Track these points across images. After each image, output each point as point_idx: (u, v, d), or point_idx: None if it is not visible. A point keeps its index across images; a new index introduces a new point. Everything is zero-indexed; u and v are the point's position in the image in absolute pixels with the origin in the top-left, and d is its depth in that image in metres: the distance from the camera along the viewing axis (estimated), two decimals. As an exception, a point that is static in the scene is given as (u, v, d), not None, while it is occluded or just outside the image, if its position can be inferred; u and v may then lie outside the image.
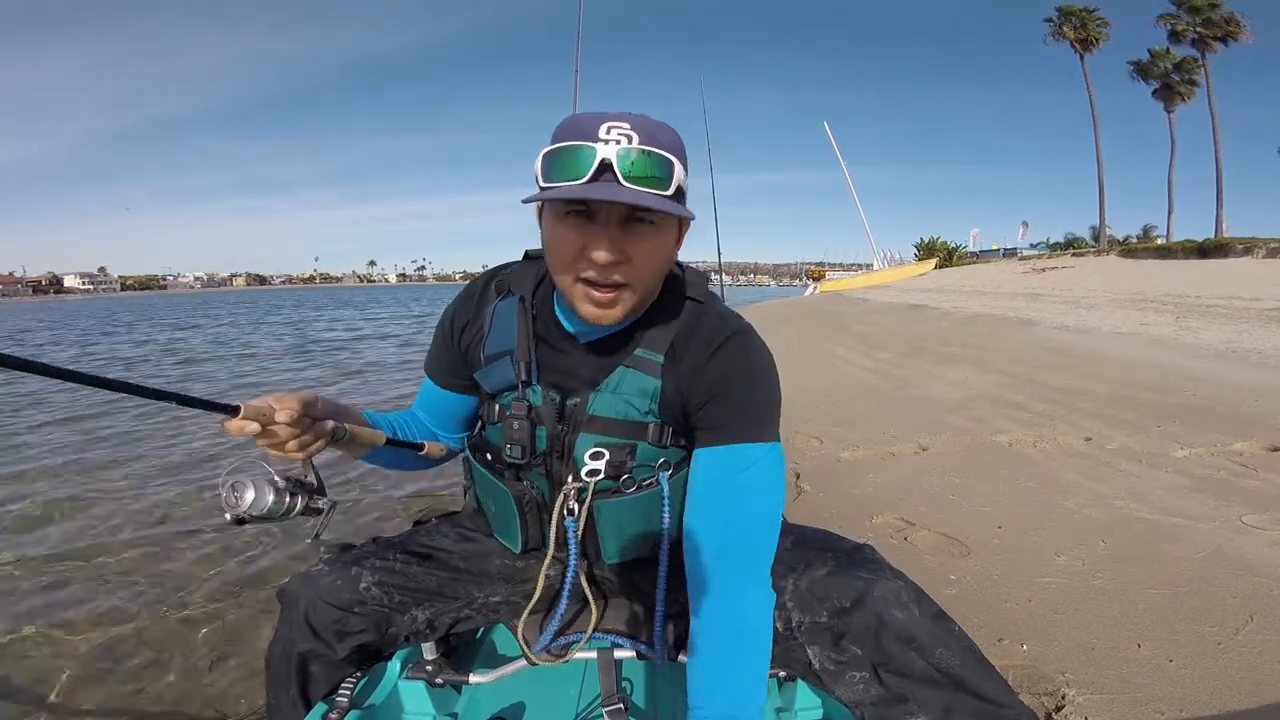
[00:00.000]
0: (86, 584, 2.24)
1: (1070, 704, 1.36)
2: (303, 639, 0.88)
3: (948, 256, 34.52)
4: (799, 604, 0.81)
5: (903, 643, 0.76)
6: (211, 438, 4.22)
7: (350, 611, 0.88)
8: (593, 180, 0.67)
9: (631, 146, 0.67)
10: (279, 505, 0.76)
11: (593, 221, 0.71)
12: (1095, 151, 33.06)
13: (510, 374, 0.86)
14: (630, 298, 0.76)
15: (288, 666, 0.89)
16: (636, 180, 0.67)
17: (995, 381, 4.92)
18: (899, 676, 0.76)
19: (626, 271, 0.73)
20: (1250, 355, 5.36)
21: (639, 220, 0.72)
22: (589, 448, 0.83)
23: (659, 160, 0.68)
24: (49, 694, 1.67)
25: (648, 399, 0.82)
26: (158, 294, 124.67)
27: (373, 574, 0.90)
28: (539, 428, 0.84)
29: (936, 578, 1.92)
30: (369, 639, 0.91)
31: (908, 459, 3.15)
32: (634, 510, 0.87)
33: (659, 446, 0.84)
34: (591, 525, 0.89)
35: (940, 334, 8.47)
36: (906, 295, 17.03)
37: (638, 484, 0.86)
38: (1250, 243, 17.45)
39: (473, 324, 0.92)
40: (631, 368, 0.82)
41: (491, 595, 0.96)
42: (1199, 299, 10.23)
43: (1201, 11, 28.16)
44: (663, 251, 0.77)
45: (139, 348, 12.37)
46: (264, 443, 0.72)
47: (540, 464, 0.87)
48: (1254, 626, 1.59)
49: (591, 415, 0.83)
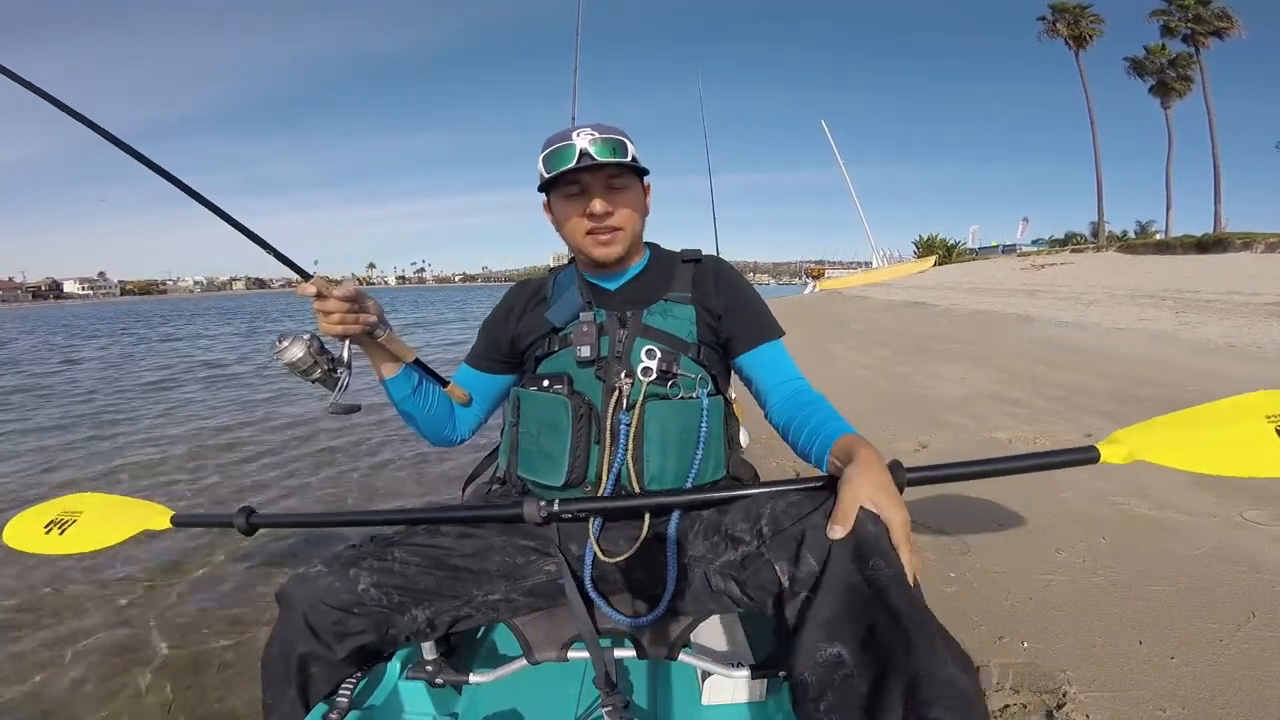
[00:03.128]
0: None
1: (1071, 701, 1.35)
2: (302, 640, 0.89)
3: (947, 254, 34.50)
4: (772, 522, 0.84)
5: (846, 551, 0.74)
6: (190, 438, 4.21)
7: (349, 613, 0.89)
8: (579, 163, 0.99)
9: (597, 136, 1.01)
10: (304, 361, 0.96)
11: (585, 192, 1.04)
12: (1093, 148, 33.12)
13: (578, 301, 1.10)
14: (624, 237, 1.07)
15: (286, 667, 0.89)
16: (606, 157, 1.00)
17: (994, 378, 4.92)
18: (832, 595, 0.73)
19: (617, 218, 1.05)
20: (1250, 350, 5.36)
21: (614, 187, 1.04)
22: (644, 347, 1.03)
23: (616, 142, 1.02)
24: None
25: (688, 322, 1.08)
26: (156, 298, 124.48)
27: (370, 575, 0.90)
28: (603, 336, 1.05)
29: (937, 575, 1.92)
30: (369, 640, 0.91)
31: (907, 456, 3.15)
32: (676, 415, 1.01)
33: (697, 362, 1.06)
34: (640, 433, 1.00)
35: (939, 331, 8.47)
36: (905, 293, 17.03)
37: (683, 393, 1.03)
38: (1249, 237, 17.43)
39: (535, 297, 1.18)
40: (670, 301, 1.10)
41: (491, 593, 0.96)
42: (1198, 294, 10.23)
43: (1191, 8, 28.15)
44: (637, 204, 1.09)
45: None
46: (318, 306, 0.93)
47: (600, 369, 1.03)
48: (1255, 623, 1.58)
49: (646, 325, 1.06)
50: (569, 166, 0.99)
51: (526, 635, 0.99)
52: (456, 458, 3.60)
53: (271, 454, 4.04)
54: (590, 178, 1.02)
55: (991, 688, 1.43)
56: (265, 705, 0.92)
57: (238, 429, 4.77)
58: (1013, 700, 1.38)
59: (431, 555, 0.96)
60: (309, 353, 0.96)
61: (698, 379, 1.05)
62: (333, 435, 4.37)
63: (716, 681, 1.01)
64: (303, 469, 3.69)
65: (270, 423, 4.95)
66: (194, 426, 4.93)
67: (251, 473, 3.66)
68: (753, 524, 0.87)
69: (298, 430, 4.64)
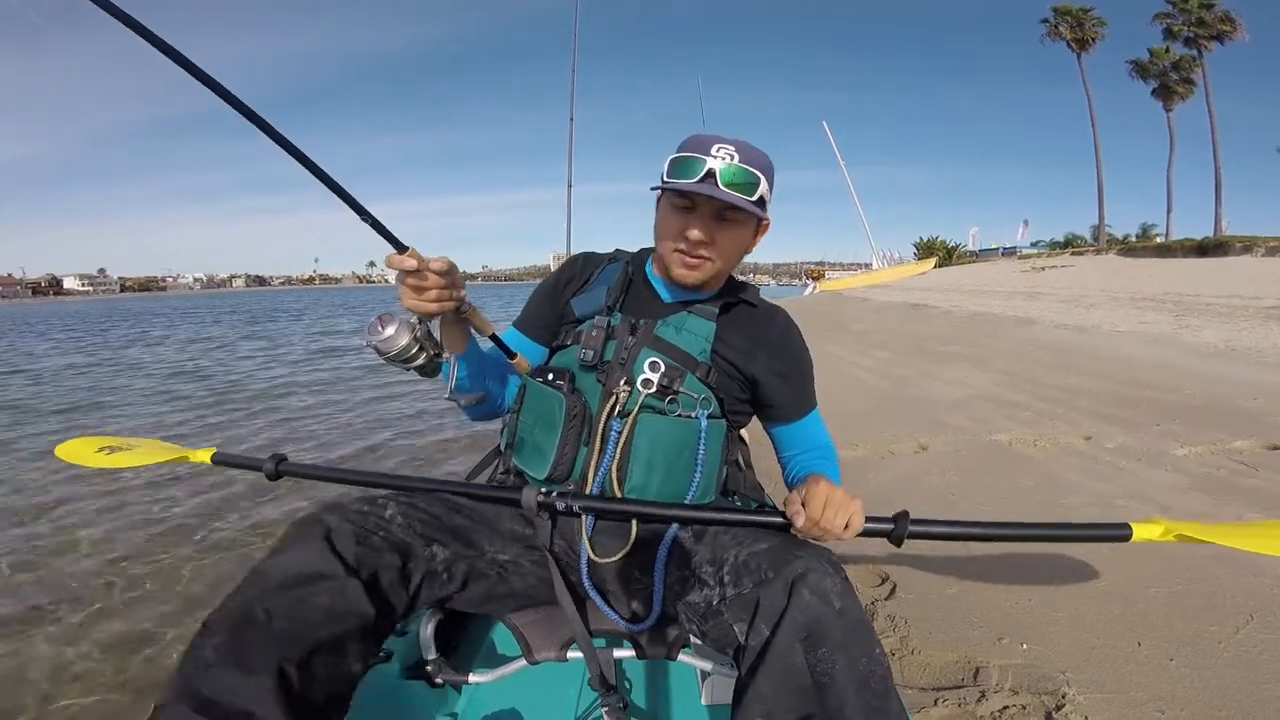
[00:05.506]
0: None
1: (1070, 703, 1.36)
2: (313, 560, 0.79)
3: (947, 255, 34.51)
4: (734, 574, 0.84)
5: (795, 630, 0.73)
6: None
7: (374, 533, 0.86)
8: (700, 182, 0.93)
9: (731, 163, 0.93)
10: (409, 348, 0.87)
11: (693, 212, 0.97)
12: (1094, 150, 33.11)
13: (602, 299, 1.07)
14: (711, 268, 1.01)
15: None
16: (731, 186, 0.93)
17: (995, 380, 4.93)
18: (773, 673, 0.73)
19: (711, 251, 0.99)
20: (1250, 353, 5.36)
21: (725, 218, 0.98)
22: (649, 359, 0.99)
23: (750, 174, 0.94)
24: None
25: (703, 339, 1.03)
26: (156, 295, 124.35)
27: (397, 505, 0.92)
28: (610, 341, 1.02)
29: (936, 577, 1.93)
30: (389, 564, 0.85)
31: (907, 458, 3.15)
32: (670, 433, 0.98)
33: (703, 382, 1.01)
34: (629, 443, 0.96)
35: (939, 333, 8.47)
36: (906, 294, 17.04)
37: (681, 411, 0.99)
38: (1250, 241, 17.42)
39: (579, 278, 1.14)
40: (692, 313, 1.05)
41: (501, 553, 0.97)
42: (1198, 297, 10.23)
43: (1194, 11, 28.16)
44: (741, 242, 1.03)
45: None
46: (412, 282, 0.82)
47: (601, 373, 1.00)
48: (1254, 626, 1.59)
49: (657, 336, 1.02)
50: (686, 184, 0.93)
51: (526, 635, 0.99)
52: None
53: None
54: (704, 199, 0.95)
55: (991, 688, 1.44)
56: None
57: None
58: (1012, 701, 1.38)
59: (451, 504, 0.98)
60: (414, 338, 0.87)
61: (699, 399, 1.00)
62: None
63: (716, 681, 1.01)
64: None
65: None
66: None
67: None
68: (717, 568, 0.87)
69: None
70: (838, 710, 0.68)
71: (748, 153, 0.96)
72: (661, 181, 0.97)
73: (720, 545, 0.89)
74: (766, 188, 0.97)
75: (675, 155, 0.96)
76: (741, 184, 0.93)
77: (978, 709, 1.38)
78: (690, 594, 0.89)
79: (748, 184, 0.94)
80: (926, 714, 1.38)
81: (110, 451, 1.31)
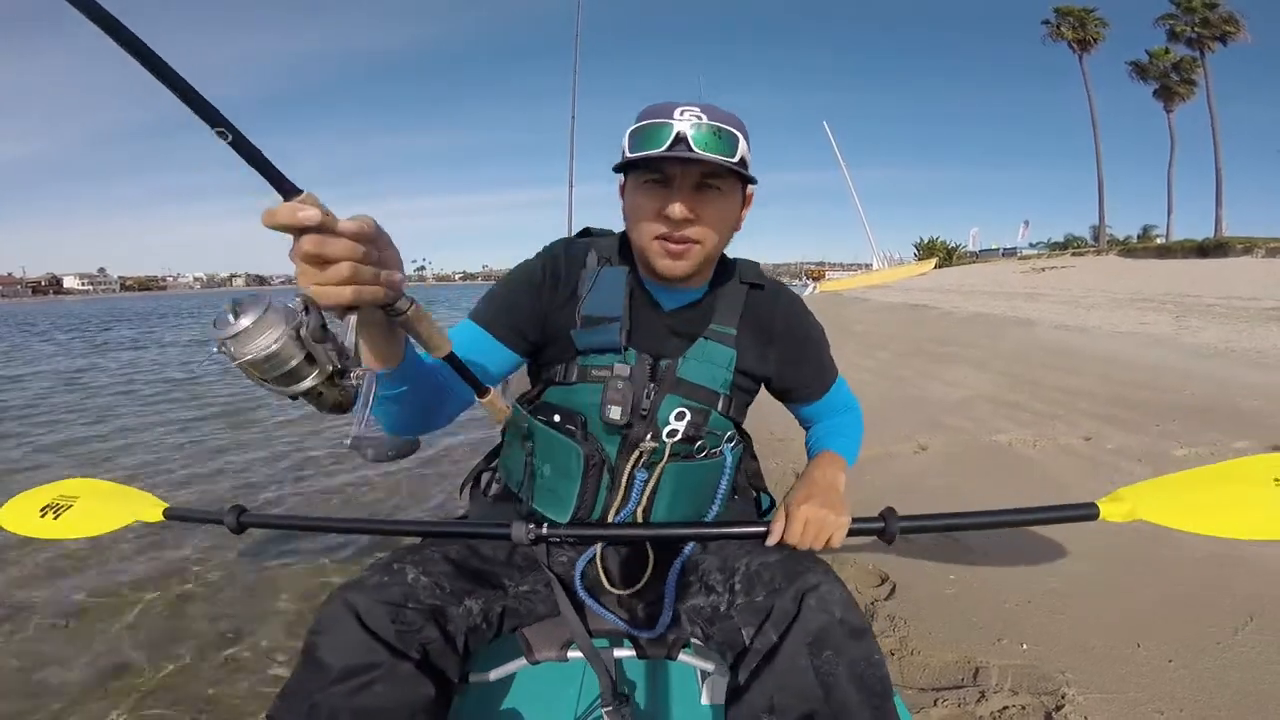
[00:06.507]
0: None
1: (1070, 703, 1.36)
2: (357, 652, 0.73)
3: (947, 256, 34.55)
4: (746, 581, 0.83)
5: (802, 635, 0.74)
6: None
7: (404, 606, 0.78)
8: (670, 149, 0.78)
9: (702, 121, 0.79)
10: (283, 356, 0.49)
11: (668, 187, 0.82)
12: (1095, 151, 33.12)
13: (614, 337, 0.90)
14: (699, 252, 0.86)
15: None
16: (707, 149, 0.79)
17: (994, 381, 4.93)
18: (779, 672, 0.73)
19: (697, 230, 0.84)
20: (1250, 354, 5.36)
21: (708, 187, 0.83)
22: (674, 408, 0.91)
23: (726, 134, 0.80)
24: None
25: (724, 369, 0.94)
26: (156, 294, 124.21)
27: (416, 566, 0.83)
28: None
29: (936, 578, 1.93)
30: (430, 636, 0.79)
31: (907, 459, 3.16)
32: (697, 475, 0.94)
33: (725, 417, 0.95)
34: (655, 491, 0.93)
35: (939, 333, 8.47)
36: (906, 295, 17.03)
37: (707, 451, 0.94)
38: (1250, 242, 17.44)
39: (564, 284, 0.94)
40: (710, 340, 0.94)
41: (520, 584, 0.95)
42: (1198, 298, 10.23)
43: (1198, 11, 28.17)
44: (728, 215, 0.88)
45: None
46: (310, 249, 0.50)
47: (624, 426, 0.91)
48: (1253, 626, 1.59)
49: (680, 378, 0.92)
50: (657, 151, 0.78)
51: (526, 635, 0.99)
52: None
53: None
54: (680, 170, 0.81)
55: (991, 689, 1.44)
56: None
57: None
58: (1012, 702, 1.38)
59: (461, 552, 0.92)
60: (296, 338, 0.50)
61: (724, 435, 0.96)
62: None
63: (716, 681, 1.01)
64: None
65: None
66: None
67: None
68: (727, 576, 0.86)
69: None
70: (840, 706, 0.70)
71: (716, 113, 0.82)
72: (623, 157, 0.83)
73: (730, 555, 0.89)
74: (746, 147, 0.82)
75: (635, 126, 0.81)
76: (718, 143, 0.79)
77: (977, 709, 1.38)
78: (696, 599, 0.89)
79: (727, 141, 0.79)
80: (926, 714, 1.38)
81: (55, 514, 1.17)
